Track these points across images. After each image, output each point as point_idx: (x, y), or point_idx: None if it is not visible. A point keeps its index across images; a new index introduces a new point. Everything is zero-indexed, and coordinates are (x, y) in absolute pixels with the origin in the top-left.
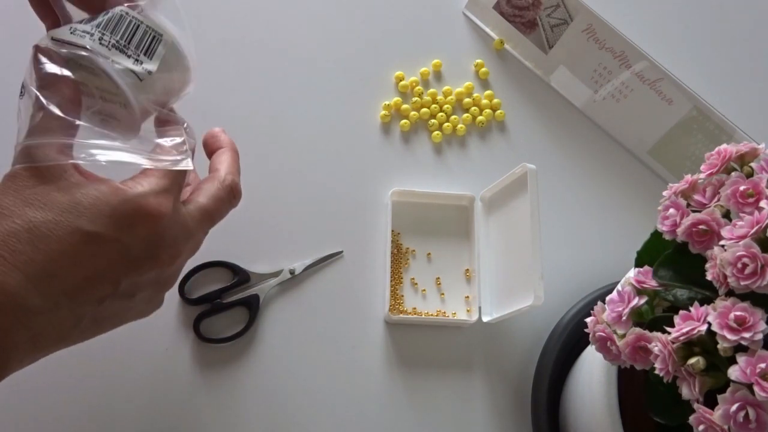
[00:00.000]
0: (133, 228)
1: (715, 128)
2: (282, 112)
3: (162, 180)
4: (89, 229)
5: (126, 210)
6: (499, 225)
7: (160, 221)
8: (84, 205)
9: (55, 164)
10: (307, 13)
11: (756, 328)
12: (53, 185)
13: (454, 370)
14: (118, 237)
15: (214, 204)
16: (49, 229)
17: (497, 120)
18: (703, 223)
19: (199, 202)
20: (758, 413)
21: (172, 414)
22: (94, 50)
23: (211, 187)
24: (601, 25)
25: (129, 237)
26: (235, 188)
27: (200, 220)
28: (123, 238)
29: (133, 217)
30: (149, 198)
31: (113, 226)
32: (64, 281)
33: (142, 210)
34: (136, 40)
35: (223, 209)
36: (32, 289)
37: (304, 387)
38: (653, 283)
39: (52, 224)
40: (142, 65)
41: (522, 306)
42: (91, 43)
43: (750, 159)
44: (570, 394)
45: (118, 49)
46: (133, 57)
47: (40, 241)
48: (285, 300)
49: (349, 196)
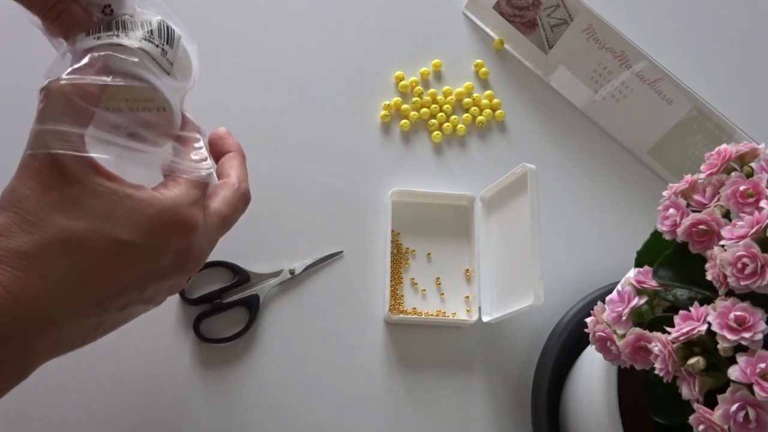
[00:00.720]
0: (169, 239)
1: (715, 128)
2: (282, 112)
3: (193, 189)
4: (126, 239)
5: (164, 221)
6: (499, 225)
7: (194, 233)
8: (120, 213)
9: (77, 163)
10: (307, 13)
11: (756, 328)
12: (80, 186)
13: (454, 370)
14: (154, 247)
15: (232, 212)
16: (85, 239)
17: (497, 120)
18: (703, 223)
19: (219, 210)
20: (758, 413)
21: (172, 414)
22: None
23: (228, 195)
24: (601, 25)
25: (164, 248)
26: (248, 195)
27: (220, 228)
28: (158, 248)
29: (170, 228)
30: (185, 209)
31: (150, 236)
32: (97, 293)
33: (179, 222)
34: (156, 32)
35: (238, 216)
36: (64, 302)
37: (304, 387)
38: (653, 283)
39: (86, 234)
40: (167, 56)
41: (522, 306)
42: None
43: (750, 159)
44: (570, 394)
45: (147, 40)
46: (160, 47)
47: (74, 252)
48: (285, 300)
49: (349, 196)
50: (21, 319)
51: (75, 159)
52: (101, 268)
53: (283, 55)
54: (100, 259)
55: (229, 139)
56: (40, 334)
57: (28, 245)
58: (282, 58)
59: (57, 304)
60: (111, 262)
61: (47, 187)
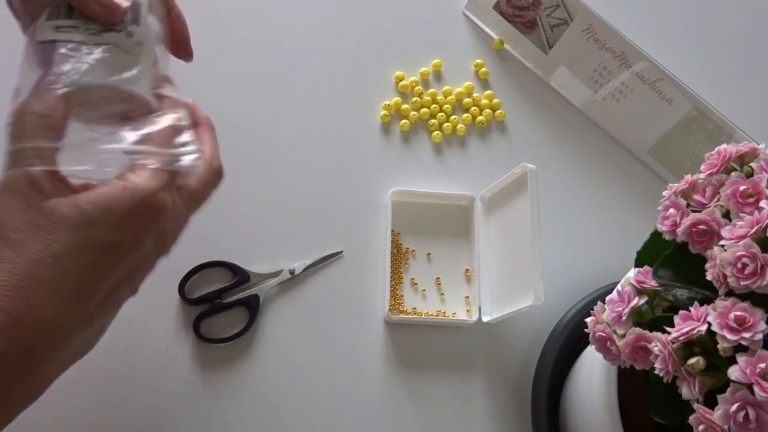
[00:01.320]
0: (146, 226)
1: (715, 128)
2: (282, 112)
3: (162, 173)
4: (109, 238)
5: (139, 210)
6: (499, 225)
7: (167, 217)
8: (96, 215)
9: (49, 178)
10: (307, 13)
11: (756, 328)
12: (55, 200)
13: (454, 370)
14: (136, 238)
15: (204, 188)
16: (71, 248)
17: (497, 120)
18: (703, 223)
19: (190, 187)
20: (758, 413)
21: (172, 414)
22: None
23: (199, 171)
24: (601, 25)
25: (144, 235)
26: (221, 171)
27: (190, 205)
28: (140, 237)
29: (146, 216)
30: (158, 195)
31: (130, 228)
32: (95, 298)
33: (154, 208)
34: None
35: (210, 192)
36: (68, 315)
37: (304, 387)
38: (653, 283)
39: (71, 243)
40: (133, 37)
41: (522, 306)
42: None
43: (750, 159)
44: (570, 394)
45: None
46: (123, 30)
47: (66, 263)
48: (285, 300)
49: (349, 196)
50: (29, 341)
51: (47, 175)
52: (95, 271)
53: (283, 56)
54: (91, 263)
55: (197, 112)
56: (51, 352)
57: (22, 266)
58: (282, 58)
59: (62, 319)
60: (103, 263)
61: (27, 205)
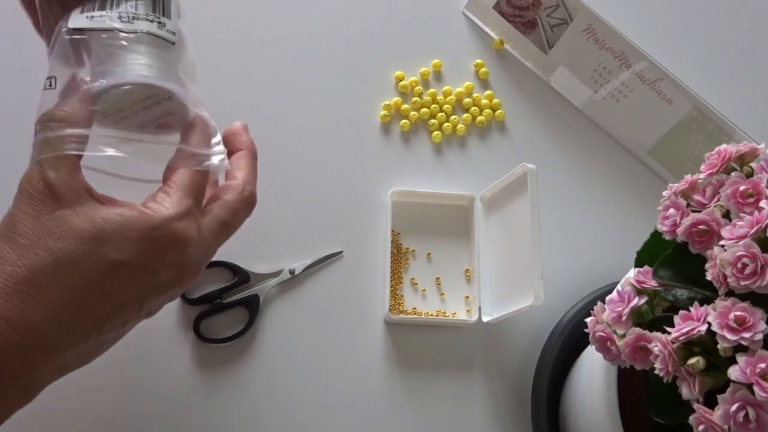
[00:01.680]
0: (161, 254)
1: (715, 128)
2: (282, 112)
3: (185, 200)
4: (116, 257)
5: (153, 237)
6: (499, 225)
7: (187, 247)
8: (108, 232)
9: (70, 186)
10: (307, 13)
11: (756, 328)
12: (71, 209)
13: (454, 370)
14: (146, 264)
15: (232, 218)
16: (74, 260)
17: (497, 120)
18: (703, 223)
19: (218, 215)
20: (758, 413)
21: (172, 414)
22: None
23: (230, 199)
24: (601, 25)
25: (156, 263)
26: (253, 199)
27: (218, 235)
28: (151, 264)
29: (161, 243)
30: (175, 223)
31: (141, 253)
32: (95, 314)
33: (171, 237)
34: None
35: (241, 222)
36: (62, 326)
37: (304, 387)
38: (653, 283)
39: (77, 255)
40: (166, 27)
41: (522, 306)
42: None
43: (750, 159)
44: (570, 394)
45: (140, 18)
46: (155, 21)
47: (67, 275)
48: (285, 300)
49: (349, 196)
50: (18, 346)
51: (69, 183)
52: (96, 289)
53: (283, 55)
54: (93, 279)
55: (243, 136)
56: (40, 361)
57: (22, 270)
58: (282, 58)
59: (55, 329)
60: (105, 282)
61: (40, 211)
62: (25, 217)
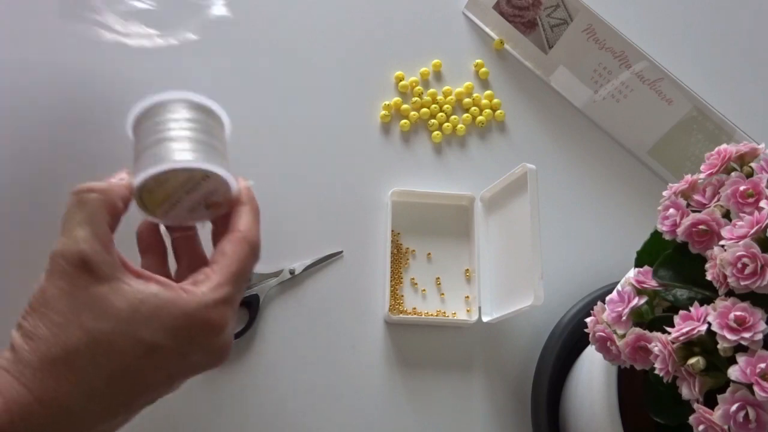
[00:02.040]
0: (194, 340)
1: (715, 128)
2: (282, 113)
3: (226, 287)
4: (150, 340)
5: (189, 324)
6: (499, 225)
7: (222, 333)
8: (144, 314)
9: (106, 261)
10: (307, 13)
11: (756, 328)
12: (107, 286)
13: (454, 370)
14: (179, 348)
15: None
16: (110, 341)
17: (497, 120)
18: (703, 223)
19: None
20: (758, 413)
21: (172, 414)
22: None
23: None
24: (601, 25)
25: (189, 347)
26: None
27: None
28: (184, 348)
29: (195, 330)
30: (211, 311)
31: (176, 338)
32: (125, 395)
33: (206, 325)
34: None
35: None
36: (93, 406)
37: (304, 387)
38: (653, 283)
39: (112, 335)
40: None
41: (522, 306)
42: None
43: (750, 159)
44: (570, 394)
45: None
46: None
47: (102, 356)
48: (285, 300)
49: (349, 196)
50: (50, 424)
51: (104, 257)
52: (129, 371)
53: (283, 56)
54: (127, 362)
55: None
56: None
57: (56, 350)
58: (282, 58)
59: (87, 408)
60: (138, 365)
61: (76, 286)
62: (60, 293)
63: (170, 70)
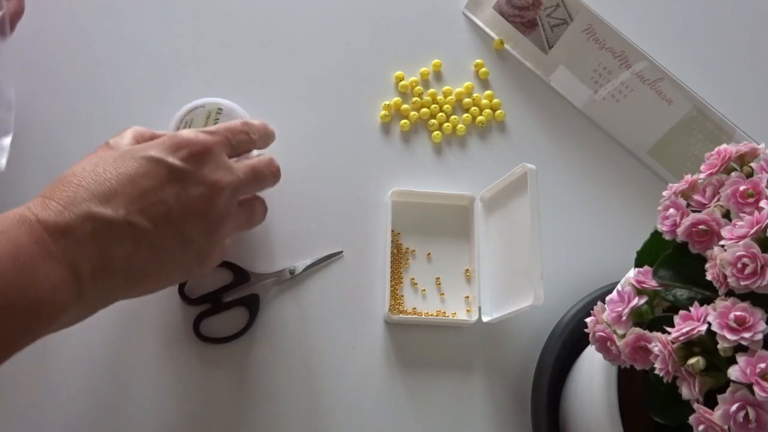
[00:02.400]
0: (179, 150)
1: (715, 128)
2: (282, 113)
3: (207, 128)
4: (143, 155)
5: (174, 140)
6: (499, 225)
7: (207, 147)
8: (139, 146)
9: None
10: (307, 13)
11: (756, 328)
12: None
13: (454, 370)
14: (165, 159)
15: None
16: (110, 162)
17: (497, 120)
18: (703, 223)
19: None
20: (758, 413)
21: (172, 414)
22: None
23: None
24: (601, 25)
25: (174, 157)
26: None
27: (247, 174)
28: (168, 159)
29: (180, 144)
30: (196, 133)
31: (163, 151)
32: (124, 196)
33: (189, 139)
34: None
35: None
36: (103, 204)
37: (304, 387)
38: (653, 283)
39: (114, 158)
40: None
41: (522, 306)
42: None
43: (750, 159)
44: (570, 394)
45: None
46: None
47: (99, 167)
48: (285, 300)
49: (349, 196)
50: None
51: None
52: (124, 178)
53: (283, 56)
54: (123, 172)
55: None
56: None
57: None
58: (282, 58)
59: (101, 208)
60: (131, 173)
61: None
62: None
63: (169, 70)
